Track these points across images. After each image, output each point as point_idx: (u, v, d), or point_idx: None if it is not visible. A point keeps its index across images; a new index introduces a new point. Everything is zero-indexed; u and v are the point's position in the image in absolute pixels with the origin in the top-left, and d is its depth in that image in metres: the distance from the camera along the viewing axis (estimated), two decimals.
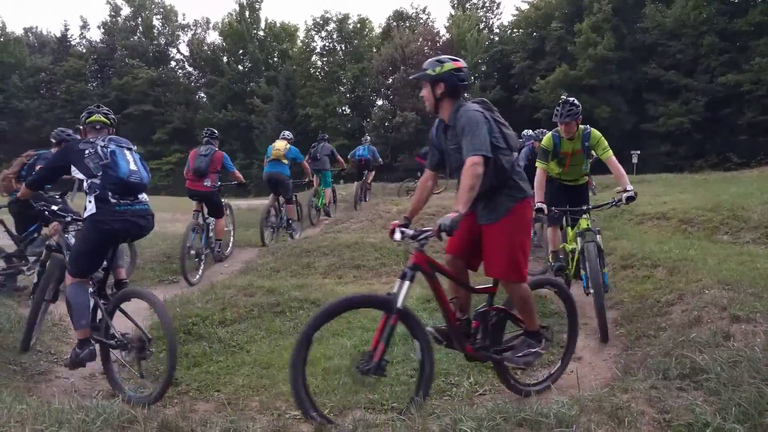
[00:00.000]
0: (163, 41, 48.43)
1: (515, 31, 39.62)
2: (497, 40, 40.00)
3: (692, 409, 2.38)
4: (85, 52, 46.75)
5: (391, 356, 3.51)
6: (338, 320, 3.99)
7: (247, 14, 44.66)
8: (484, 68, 39.03)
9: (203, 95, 47.14)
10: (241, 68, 44.74)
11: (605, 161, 5.03)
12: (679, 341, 3.46)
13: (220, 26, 46.15)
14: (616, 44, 32.43)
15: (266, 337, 4.98)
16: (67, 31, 47.74)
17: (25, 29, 51.09)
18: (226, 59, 44.71)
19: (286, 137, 9.82)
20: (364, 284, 6.68)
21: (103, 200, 3.73)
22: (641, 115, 32.50)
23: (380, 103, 40.80)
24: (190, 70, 48.91)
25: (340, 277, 7.06)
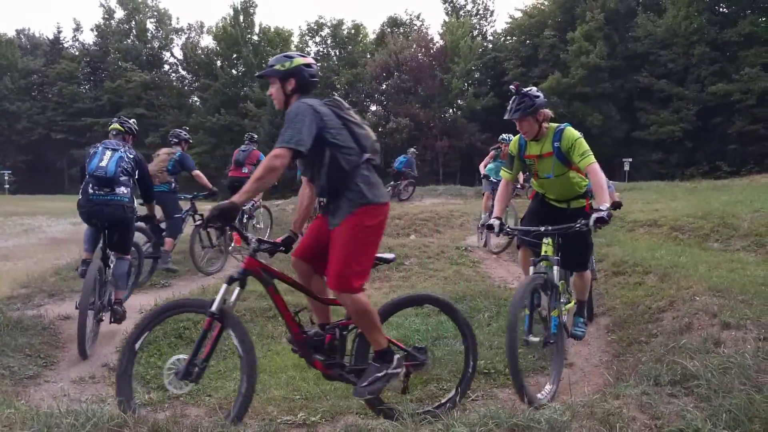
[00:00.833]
0: (156, 45, 48.32)
1: (508, 38, 40.02)
2: (491, 47, 40.33)
3: (683, 415, 2.39)
4: (77, 54, 46.44)
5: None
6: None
7: (241, 19, 44.57)
8: (477, 75, 39.31)
9: (196, 99, 47.04)
10: (234, 72, 44.58)
11: (584, 170, 3.78)
12: (670, 347, 3.48)
13: (214, 30, 46.01)
14: (608, 53, 32.79)
15: (258, 341, 4.94)
16: (59, 33, 47.64)
17: (17, 31, 50.67)
18: (219, 63, 44.54)
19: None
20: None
21: (83, 190, 4.69)
22: (633, 123, 32.81)
23: (374, 108, 41.04)
24: (183, 73, 48.93)
25: None
